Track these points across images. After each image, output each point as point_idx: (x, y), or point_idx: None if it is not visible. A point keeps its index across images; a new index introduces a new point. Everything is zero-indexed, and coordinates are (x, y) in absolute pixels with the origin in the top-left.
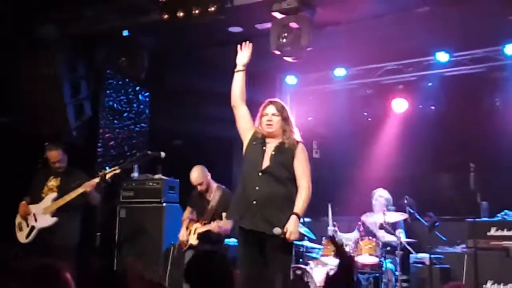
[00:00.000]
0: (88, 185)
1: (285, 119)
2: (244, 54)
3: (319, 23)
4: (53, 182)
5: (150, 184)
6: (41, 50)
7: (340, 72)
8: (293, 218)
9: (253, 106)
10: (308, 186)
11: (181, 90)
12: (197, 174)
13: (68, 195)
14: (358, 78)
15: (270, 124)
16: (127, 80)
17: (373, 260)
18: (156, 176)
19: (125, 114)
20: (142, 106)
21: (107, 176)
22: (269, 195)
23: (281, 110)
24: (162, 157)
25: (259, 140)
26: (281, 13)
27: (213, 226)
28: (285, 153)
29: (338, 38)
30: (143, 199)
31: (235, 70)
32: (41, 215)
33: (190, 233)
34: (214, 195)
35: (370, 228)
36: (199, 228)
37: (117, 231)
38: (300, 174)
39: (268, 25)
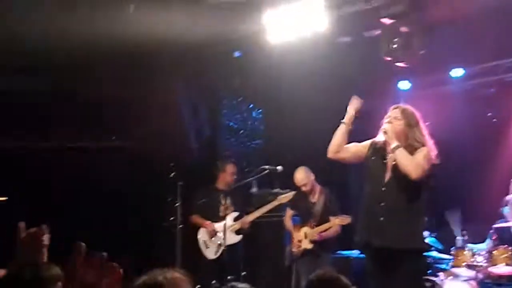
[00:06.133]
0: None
1: (410, 126)
2: (352, 106)
3: (430, 23)
4: (227, 201)
5: (270, 198)
6: (162, 77)
7: (457, 72)
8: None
9: (365, 115)
10: (422, 165)
11: (294, 104)
12: (301, 175)
13: (251, 215)
14: (478, 77)
15: (389, 122)
16: (240, 98)
17: (510, 270)
18: (275, 190)
19: (241, 132)
20: (256, 123)
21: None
22: (396, 209)
23: (407, 116)
24: (279, 171)
25: (379, 152)
26: (390, 18)
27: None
28: None
29: (453, 37)
30: (263, 214)
31: (341, 120)
32: (226, 233)
33: (301, 239)
34: (319, 197)
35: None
36: (310, 232)
37: (240, 246)
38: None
39: (377, 31)
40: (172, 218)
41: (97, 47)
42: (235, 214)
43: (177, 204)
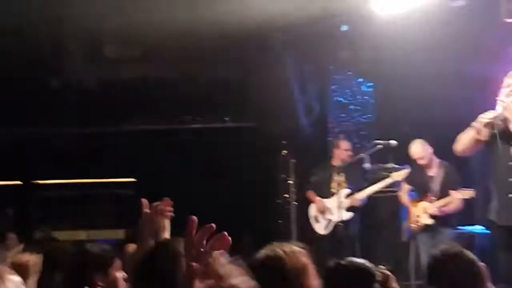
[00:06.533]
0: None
1: None
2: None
3: None
4: (339, 178)
5: (383, 173)
6: (271, 56)
7: None
8: None
9: (482, 83)
10: None
11: (405, 76)
12: (417, 148)
13: (363, 191)
14: None
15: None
16: (349, 73)
17: None
18: (388, 165)
19: (351, 107)
20: (366, 97)
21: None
22: None
23: None
24: (393, 145)
25: (501, 127)
26: None
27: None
28: None
29: None
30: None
31: (473, 124)
32: (337, 209)
33: (419, 214)
34: (438, 171)
35: None
36: (429, 206)
37: (353, 222)
38: None
39: None
40: (285, 195)
41: (208, 31)
42: (347, 190)
43: (290, 181)
